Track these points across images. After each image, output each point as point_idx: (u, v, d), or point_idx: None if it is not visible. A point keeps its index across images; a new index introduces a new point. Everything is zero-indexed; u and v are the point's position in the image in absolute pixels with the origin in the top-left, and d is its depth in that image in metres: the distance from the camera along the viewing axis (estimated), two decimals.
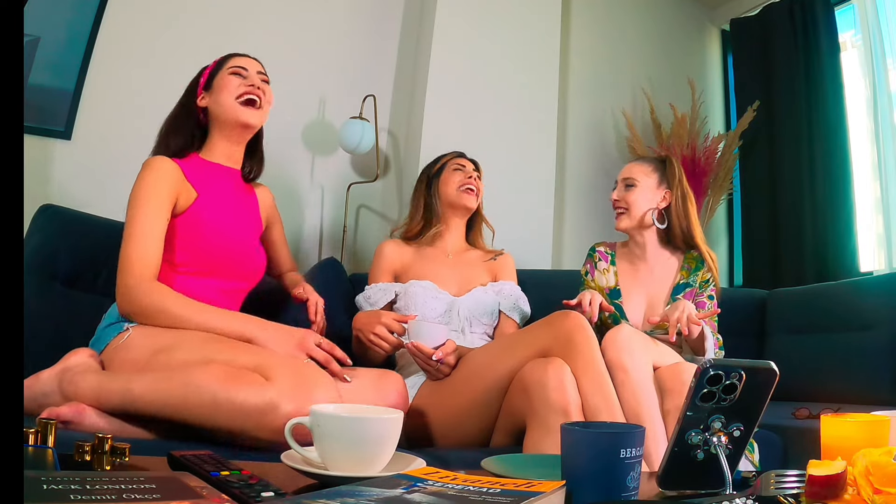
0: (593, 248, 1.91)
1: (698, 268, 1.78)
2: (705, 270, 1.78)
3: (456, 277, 1.88)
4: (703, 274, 1.78)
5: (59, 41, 2.09)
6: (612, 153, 3.10)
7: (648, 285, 1.81)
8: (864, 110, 2.81)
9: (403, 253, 1.93)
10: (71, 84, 2.10)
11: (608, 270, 1.85)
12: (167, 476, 0.67)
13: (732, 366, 0.79)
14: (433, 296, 1.79)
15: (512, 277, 1.96)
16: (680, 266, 1.81)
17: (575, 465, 0.75)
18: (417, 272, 1.87)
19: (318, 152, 2.58)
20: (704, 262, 1.78)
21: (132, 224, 1.34)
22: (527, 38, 2.70)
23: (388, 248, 1.94)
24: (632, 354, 1.45)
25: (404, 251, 1.94)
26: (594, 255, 1.89)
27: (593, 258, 1.89)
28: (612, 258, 1.87)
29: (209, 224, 1.44)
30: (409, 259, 1.92)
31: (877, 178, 2.72)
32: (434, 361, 1.49)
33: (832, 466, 0.71)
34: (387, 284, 1.86)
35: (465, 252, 1.99)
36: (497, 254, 1.99)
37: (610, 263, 1.86)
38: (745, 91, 3.20)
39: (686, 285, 1.77)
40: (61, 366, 1.25)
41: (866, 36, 2.79)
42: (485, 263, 1.96)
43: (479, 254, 2.00)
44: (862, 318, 2.07)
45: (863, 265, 2.72)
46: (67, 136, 2.10)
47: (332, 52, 2.61)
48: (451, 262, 1.93)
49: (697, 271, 1.78)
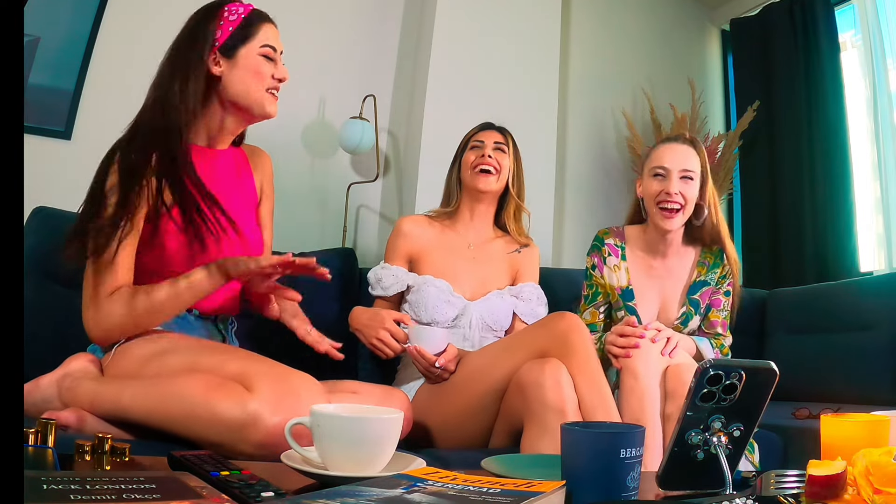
0: (601, 239, 1.74)
1: (716, 264, 1.69)
2: (724, 267, 1.68)
3: (473, 277, 1.76)
4: (722, 270, 1.68)
5: (59, 41, 2.08)
6: (612, 153, 3.10)
7: (663, 282, 1.71)
8: (864, 110, 2.81)
9: (423, 235, 1.79)
10: (71, 84, 2.10)
11: (619, 267, 1.71)
12: (167, 476, 0.67)
13: (732, 366, 0.79)
14: (446, 299, 1.69)
15: (534, 275, 1.84)
16: (696, 262, 1.71)
17: (575, 465, 0.75)
18: (434, 263, 1.75)
19: (318, 152, 2.58)
20: (724, 259, 1.68)
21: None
22: (527, 37, 2.70)
23: (408, 226, 1.80)
24: (647, 361, 1.45)
25: (425, 232, 1.79)
26: (602, 247, 1.73)
27: (601, 252, 1.72)
28: (623, 252, 1.72)
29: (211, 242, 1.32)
30: (427, 243, 1.78)
31: (877, 178, 2.72)
32: (436, 368, 1.49)
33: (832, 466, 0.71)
34: (401, 272, 1.74)
35: (489, 243, 1.83)
36: (522, 245, 1.83)
37: (621, 259, 1.71)
38: (745, 91, 3.20)
39: (703, 283, 1.69)
40: (61, 371, 1.23)
41: (866, 36, 2.79)
42: (508, 257, 1.81)
43: (504, 245, 1.84)
44: (862, 318, 2.07)
45: (863, 265, 2.71)
46: (67, 136, 2.10)
47: (332, 52, 2.61)
48: (471, 256, 1.79)
49: (715, 268, 1.68)
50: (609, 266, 1.72)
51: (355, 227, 2.61)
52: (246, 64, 1.32)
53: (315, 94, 2.57)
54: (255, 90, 1.33)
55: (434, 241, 1.79)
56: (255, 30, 1.34)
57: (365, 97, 2.48)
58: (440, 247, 1.79)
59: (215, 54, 1.32)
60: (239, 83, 1.33)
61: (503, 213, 1.86)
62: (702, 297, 1.69)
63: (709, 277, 1.70)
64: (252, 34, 1.33)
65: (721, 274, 1.69)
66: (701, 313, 1.69)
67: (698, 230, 1.70)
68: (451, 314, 1.69)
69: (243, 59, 1.32)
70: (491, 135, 1.83)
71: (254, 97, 1.34)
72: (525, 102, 2.66)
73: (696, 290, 1.69)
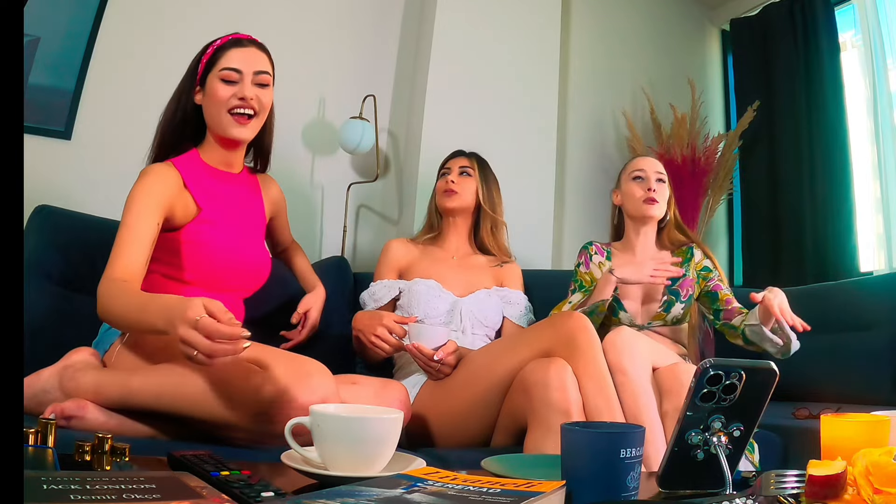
0: (589, 242, 1.95)
1: (687, 259, 1.85)
2: (698, 259, 1.85)
3: (460, 279, 1.87)
4: (698, 263, 1.84)
5: (59, 41, 2.08)
6: (612, 153, 3.10)
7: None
8: (864, 110, 2.81)
9: (409, 251, 1.94)
10: (71, 84, 2.10)
11: (603, 264, 1.88)
12: (167, 476, 0.67)
13: (732, 366, 0.79)
14: (436, 295, 1.78)
15: (518, 287, 1.93)
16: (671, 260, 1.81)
17: (575, 465, 0.75)
18: (422, 271, 1.87)
19: (318, 152, 2.58)
20: (693, 254, 1.86)
21: (119, 231, 1.27)
22: (527, 38, 2.70)
23: (395, 246, 1.95)
24: (632, 357, 1.46)
25: (410, 250, 1.95)
26: (589, 248, 1.93)
27: (588, 251, 1.92)
28: (609, 254, 1.91)
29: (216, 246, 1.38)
30: (414, 258, 1.92)
31: (877, 178, 2.72)
32: (435, 362, 1.50)
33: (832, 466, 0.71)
34: (391, 281, 1.86)
35: (470, 256, 1.97)
36: (503, 261, 1.96)
37: (606, 258, 1.90)
38: (745, 91, 3.20)
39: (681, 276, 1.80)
40: (62, 364, 1.25)
41: (866, 36, 2.79)
42: (491, 269, 1.94)
43: (485, 259, 1.97)
44: (862, 318, 2.07)
45: (863, 265, 2.71)
46: (67, 136, 2.10)
47: (332, 52, 2.61)
48: (456, 264, 1.92)
49: (687, 263, 1.84)
50: (594, 262, 1.90)
51: (355, 227, 2.61)
52: (209, 91, 1.38)
53: (315, 94, 2.57)
54: (215, 114, 1.39)
55: (420, 255, 1.94)
56: (218, 56, 1.39)
57: (365, 97, 2.47)
58: (426, 258, 1.93)
59: (198, 86, 1.41)
60: (207, 110, 1.41)
61: (480, 229, 1.99)
62: (681, 286, 1.79)
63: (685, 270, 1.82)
64: (216, 61, 1.39)
65: (699, 267, 1.84)
66: (682, 301, 1.78)
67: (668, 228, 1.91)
68: (442, 308, 1.76)
69: (208, 87, 1.39)
70: (457, 161, 2.00)
71: (215, 121, 1.40)
72: (525, 102, 2.66)
73: (675, 281, 1.79)
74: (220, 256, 1.39)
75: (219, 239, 1.39)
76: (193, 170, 1.41)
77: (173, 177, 1.36)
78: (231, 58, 1.38)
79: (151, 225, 1.28)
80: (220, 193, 1.44)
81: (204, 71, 1.41)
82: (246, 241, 1.48)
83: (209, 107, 1.40)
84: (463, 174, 1.96)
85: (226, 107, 1.37)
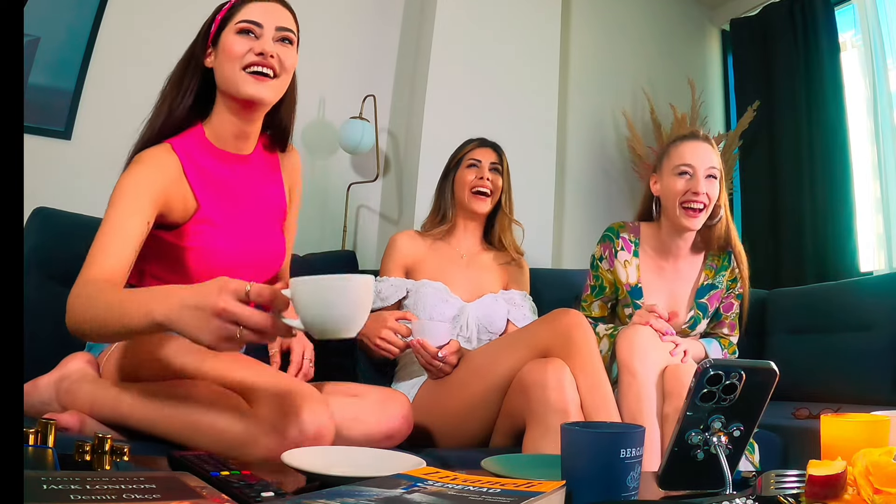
0: (616, 231, 1.69)
1: (724, 267, 1.67)
2: (732, 270, 1.67)
3: (468, 281, 1.80)
4: (731, 274, 1.67)
5: (59, 41, 2.08)
6: (612, 153, 3.10)
7: (672, 284, 1.69)
8: (864, 110, 2.81)
9: (416, 246, 1.84)
10: (71, 84, 2.10)
11: (630, 263, 1.67)
12: (167, 476, 0.67)
13: (732, 366, 0.78)
14: (444, 299, 1.73)
15: (525, 286, 1.87)
16: (703, 265, 1.70)
17: (575, 465, 0.75)
18: (430, 269, 1.79)
19: (318, 152, 2.58)
20: (731, 262, 1.66)
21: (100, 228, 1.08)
22: (527, 38, 2.70)
23: (401, 241, 1.85)
24: (644, 359, 1.44)
25: (417, 245, 1.84)
26: (616, 240, 1.67)
27: (614, 244, 1.67)
28: (636, 248, 1.68)
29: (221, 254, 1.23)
30: (421, 254, 1.83)
31: (877, 178, 2.72)
32: (437, 360, 1.50)
33: (832, 466, 0.71)
34: (399, 280, 1.78)
35: (480, 254, 1.88)
36: (513, 259, 1.88)
37: (633, 255, 1.67)
38: (745, 91, 3.20)
39: (711, 287, 1.67)
40: (58, 373, 1.21)
41: (866, 36, 2.79)
42: (499, 267, 1.87)
43: (494, 256, 1.88)
44: (862, 318, 2.07)
45: (863, 265, 2.71)
46: (67, 136, 2.10)
47: (332, 52, 2.61)
48: (465, 264, 1.84)
49: (723, 271, 1.67)
50: (619, 260, 1.67)
51: (355, 227, 2.61)
52: (223, 46, 1.20)
53: (315, 94, 2.57)
54: (228, 71, 1.18)
55: (428, 252, 1.83)
56: (236, 10, 1.21)
57: (365, 97, 2.47)
58: (434, 256, 1.83)
59: (209, 47, 1.23)
60: (219, 68, 1.21)
61: (495, 227, 1.90)
62: (710, 300, 1.67)
63: (717, 281, 1.68)
64: (232, 16, 1.21)
65: (731, 277, 1.68)
66: (708, 316, 1.69)
67: (708, 233, 1.66)
68: (449, 313, 1.72)
69: (222, 44, 1.20)
70: (487, 154, 1.86)
71: (228, 78, 1.19)
72: (525, 102, 2.66)
73: (704, 294, 1.67)
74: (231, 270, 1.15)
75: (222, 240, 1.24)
76: (195, 154, 1.22)
77: (171, 165, 1.18)
78: (251, 10, 1.20)
79: (140, 224, 1.09)
80: (226, 183, 1.26)
81: (218, 29, 1.22)
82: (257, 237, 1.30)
83: (221, 65, 1.20)
84: (494, 171, 1.83)
85: (241, 63, 1.18)
